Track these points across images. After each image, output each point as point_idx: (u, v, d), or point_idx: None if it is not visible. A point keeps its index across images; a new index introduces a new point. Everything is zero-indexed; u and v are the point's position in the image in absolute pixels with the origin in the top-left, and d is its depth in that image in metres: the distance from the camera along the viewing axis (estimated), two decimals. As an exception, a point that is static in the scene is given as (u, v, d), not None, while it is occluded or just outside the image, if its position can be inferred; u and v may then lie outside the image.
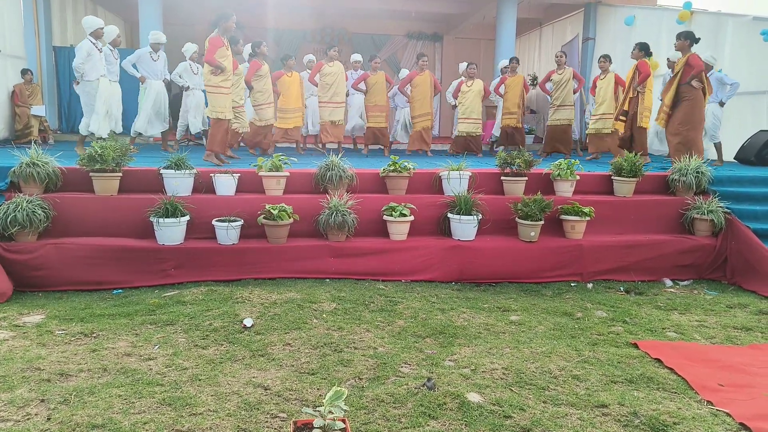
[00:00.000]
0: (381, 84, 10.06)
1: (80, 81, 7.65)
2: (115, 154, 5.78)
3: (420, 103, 10.12)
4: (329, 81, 9.69)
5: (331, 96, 9.73)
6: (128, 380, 3.31)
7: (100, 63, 7.70)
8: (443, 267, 5.85)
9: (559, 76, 10.10)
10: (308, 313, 4.54)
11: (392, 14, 16.12)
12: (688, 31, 7.79)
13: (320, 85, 9.79)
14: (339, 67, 9.78)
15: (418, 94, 10.07)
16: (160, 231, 5.48)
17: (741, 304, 5.33)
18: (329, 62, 9.73)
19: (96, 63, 7.62)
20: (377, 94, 10.06)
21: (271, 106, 9.23)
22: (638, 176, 6.66)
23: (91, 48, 7.53)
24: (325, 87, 9.73)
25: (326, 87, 9.72)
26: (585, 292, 5.70)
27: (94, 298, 5.03)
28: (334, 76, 9.69)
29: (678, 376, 3.61)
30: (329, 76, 9.68)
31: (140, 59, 9.01)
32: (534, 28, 17.06)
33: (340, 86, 9.82)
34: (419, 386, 3.29)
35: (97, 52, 7.60)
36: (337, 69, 9.74)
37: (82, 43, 7.55)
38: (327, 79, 9.69)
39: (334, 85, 9.70)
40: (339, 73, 9.76)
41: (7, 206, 5.25)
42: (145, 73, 9.00)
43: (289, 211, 5.69)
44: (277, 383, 3.32)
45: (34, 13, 11.68)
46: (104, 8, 15.01)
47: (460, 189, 6.26)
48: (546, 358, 3.83)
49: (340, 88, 9.80)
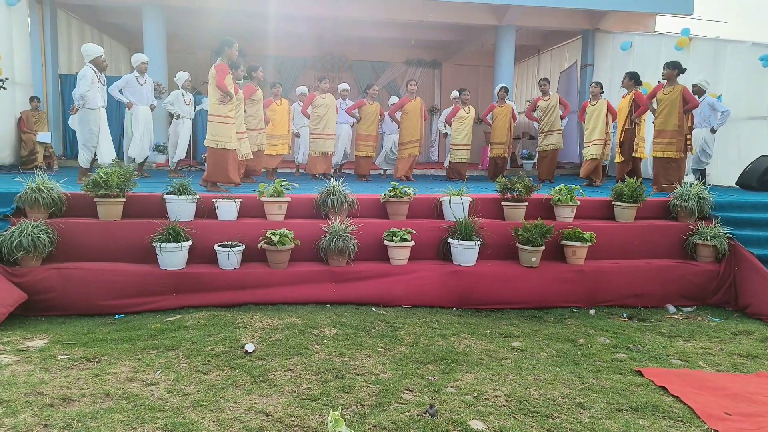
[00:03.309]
0: (375, 114, 10.15)
1: (80, 109, 7.40)
2: (119, 180, 5.83)
3: (410, 130, 10.17)
4: (321, 113, 9.75)
5: (323, 128, 9.80)
6: (130, 405, 3.29)
7: (101, 92, 7.49)
8: (444, 292, 5.84)
9: (545, 102, 10.28)
10: (309, 338, 4.53)
11: (392, 42, 16.32)
12: (674, 61, 8.00)
13: (312, 117, 9.84)
14: (331, 99, 9.89)
15: (409, 120, 10.13)
16: (163, 256, 5.50)
17: (746, 331, 5.30)
18: (321, 94, 9.82)
19: (97, 92, 7.40)
20: (370, 123, 10.15)
21: (263, 132, 9.20)
22: (639, 201, 6.68)
23: (93, 76, 7.34)
24: (316, 119, 9.79)
25: (318, 119, 9.78)
26: (587, 318, 5.68)
27: (96, 323, 5.03)
28: (326, 108, 9.78)
29: (684, 405, 3.58)
30: (321, 107, 9.76)
31: (128, 84, 8.94)
32: (532, 55, 17.26)
33: (332, 118, 9.91)
34: (421, 413, 3.27)
35: (98, 81, 7.42)
36: (330, 101, 9.84)
37: (84, 71, 7.30)
38: (319, 110, 9.76)
39: (325, 117, 9.78)
40: (331, 105, 9.86)
41: (12, 231, 5.29)
42: (133, 98, 8.95)
43: (290, 236, 5.71)
44: (278, 409, 3.30)
45: (42, 41, 11.85)
46: (109, 36, 15.23)
47: (460, 214, 6.28)
48: (549, 385, 3.81)
49: (331, 119, 9.88)
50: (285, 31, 14.76)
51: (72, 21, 13.33)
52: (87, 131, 7.50)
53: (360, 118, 10.19)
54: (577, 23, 13.59)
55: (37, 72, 11.66)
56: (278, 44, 15.45)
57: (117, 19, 14.35)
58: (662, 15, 13.30)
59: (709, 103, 8.74)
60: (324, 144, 9.84)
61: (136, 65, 9.08)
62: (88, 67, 7.39)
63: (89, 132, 7.49)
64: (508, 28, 13.48)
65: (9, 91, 9.96)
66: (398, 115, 10.33)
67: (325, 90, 9.84)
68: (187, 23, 14.32)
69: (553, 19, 13.40)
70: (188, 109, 9.70)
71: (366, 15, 13.07)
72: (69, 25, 13.21)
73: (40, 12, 11.84)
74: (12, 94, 10.38)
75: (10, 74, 10.09)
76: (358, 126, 10.27)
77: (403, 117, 10.18)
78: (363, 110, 10.13)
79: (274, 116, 9.72)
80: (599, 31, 13.58)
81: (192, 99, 9.94)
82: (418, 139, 10.23)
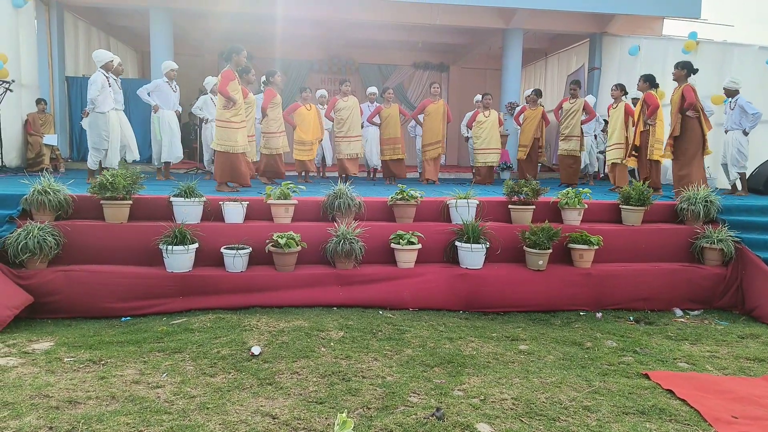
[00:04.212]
0: (395, 116, 10.19)
1: (91, 112, 7.73)
2: (125, 182, 5.84)
3: (432, 132, 10.19)
4: (344, 116, 9.82)
5: (347, 130, 9.85)
6: (136, 408, 3.29)
7: (111, 96, 7.84)
8: (451, 295, 5.83)
9: (570, 105, 10.11)
10: (316, 341, 4.52)
11: (399, 45, 16.33)
12: (685, 61, 7.79)
13: (336, 120, 9.92)
14: (353, 101, 9.95)
15: (431, 122, 10.16)
16: (169, 258, 5.50)
17: (753, 334, 5.27)
18: (343, 97, 9.88)
19: (107, 96, 7.74)
20: (390, 127, 10.18)
21: (283, 134, 9.24)
22: (646, 205, 6.65)
23: (104, 81, 7.68)
24: (340, 122, 9.86)
25: (341, 122, 9.85)
26: (594, 321, 5.66)
27: (102, 325, 5.04)
28: (348, 110, 9.83)
29: (691, 408, 3.56)
30: (344, 110, 9.82)
31: (158, 88, 9.26)
32: (540, 58, 17.23)
33: (356, 120, 9.96)
34: (428, 416, 3.26)
35: (108, 86, 7.74)
36: (352, 103, 9.90)
37: (95, 76, 7.68)
38: (342, 113, 9.83)
39: (349, 119, 9.84)
40: (353, 107, 9.91)
41: (18, 233, 5.30)
42: (161, 102, 9.23)
43: (296, 239, 5.71)
44: (285, 412, 3.29)
45: (48, 44, 11.89)
46: (116, 39, 15.29)
47: (467, 217, 6.27)
48: (556, 389, 3.79)
49: (355, 122, 9.93)
50: (291, 34, 14.79)
51: (79, 23, 13.38)
52: (96, 134, 7.85)
53: (380, 123, 10.24)
54: (584, 27, 13.57)
55: (43, 74, 11.71)
56: (285, 47, 15.48)
57: (124, 22, 14.42)
58: (669, 18, 13.28)
59: (740, 105, 8.48)
60: (349, 146, 9.90)
61: (165, 71, 9.43)
62: (99, 72, 7.78)
63: (98, 135, 7.84)
64: (516, 32, 13.46)
65: (15, 94, 10.00)
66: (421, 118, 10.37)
67: (347, 93, 9.88)
68: (194, 26, 14.38)
69: (561, 22, 13.38)
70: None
71: (373, 18, 13.09)
72: (76, 27, 13.27)
73: (47, 14, 11.89)
74: (18, 96, 10.43)
75: (16, 76, 10.14)
76: (381, 131, 10.33)
77: (426, 119, 10.21)
78: (381, 115, 10.21)
79: (302, 121, 9.67)
80: (607, 35, 13.55)
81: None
82: (440, 140, 10.25)
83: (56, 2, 11.97)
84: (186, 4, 12.31)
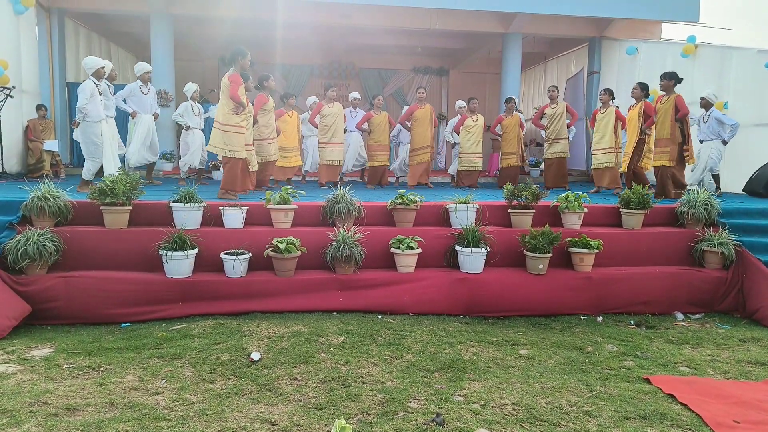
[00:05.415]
0: (384, 123, 10.19)
1: (81, 122, 7.39)
2: (125, 188, 5.83)
3: (420, 137, 10.17)
4: (329, 122, 9.80)
5: (331, 137, 9.83)
6: (135, 415, 3.28)
7: (102, 104, 7.51)
8: (451, 300, 5.82)
9: (552, 110, 10.23)
10: (315, 346, 4.51)
11: (399, 49, 16.37)
12: (671, 72, 8.12)
13: (320, 126, 9.88)
14: (338, 108, 9.92)
15: (419, 127, 10.14)
16: (169, 264, 5.49)
17: (754, 338, 5.26)
18: (329, 103, 9.84)
19: (98, 104, 7.39)
20: (380, 134, 10.18)
21: (275, 141, 9.05)
22: (646, 208, 6.65)
23: (93, 89, 7.33)
24: (324, 128, 9.83)
25: (326, 128, 9.82)
26: (595, 325, 5.65)
27: (102, 332, 5.03)
28: (333, 117, 9.82)
29: (692, 413, 3.54)
30: (329, 117, 9.80)
31: (131, 93, 9.10)
32: (539, 63, 17.26)
33: (340, 127, 9.93)
34: (428, 422, 3.24)
35: (98, 94, 7.42)
36: (337, 110, 9.88)
37: (84, 84, 7.34)
38: (327, 120, 9.79)
39: (333, 126, 9.82)
40: (338, 114, 9.90)
41: (18, 239, 5.29)
42: (136, 107, 9.09)
43: (296, 244, 5.70)
44: (284, 418, 3.28)
45: (49, 50, 11.92)
46: (117, 45, 15.33)
47: (467, 221, 6.26)
48: (557, 394, 3.78)
49: (339, 128, 9.90)
50: (292, 39, 14.83)
51: (80, 29, 13.42)
52: (90, 143, 7.50)
53: (371, 131, 10.23)
54: (583, 31, 13.60)
55: (44, 80, 11.73)
56: (285, 52, 15.52)
57: (125, 28, 14.46)
58: (668, 22, 13.31)
59: (716, 118, 8.69)
60: (331, 153, 9.88)
61: (139, 75, 9.27)
62: (89, 80, 7.43)
63: (92, 144, 7.49)
64: (515, 36, 13.50)
65: (16, 100, 10.00)
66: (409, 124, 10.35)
67: (333, 99, 9.85)
68: (194, 32, 14.41)
69: (560, 26, 13.42)
70: (198, 120, 9.81)
71: (373, 23, 13.13)
72: (77, 33, 13.31)
73: (48, 20, 11.93)
74: (19, 102, 10.43)
75: (17, 82, 10.14)
76: (370, 137, 10.32)
77: (413, 124, 10.19)
78: (372, 121, 10.18)
79: (285, 128, 9.68)
80: (606, 39, 13.57)
81: (201, 109, 10.04)
82: (428, 145, 10.22)
83: (57, 9, 12.01)
84: (186, 10, 12.34)
